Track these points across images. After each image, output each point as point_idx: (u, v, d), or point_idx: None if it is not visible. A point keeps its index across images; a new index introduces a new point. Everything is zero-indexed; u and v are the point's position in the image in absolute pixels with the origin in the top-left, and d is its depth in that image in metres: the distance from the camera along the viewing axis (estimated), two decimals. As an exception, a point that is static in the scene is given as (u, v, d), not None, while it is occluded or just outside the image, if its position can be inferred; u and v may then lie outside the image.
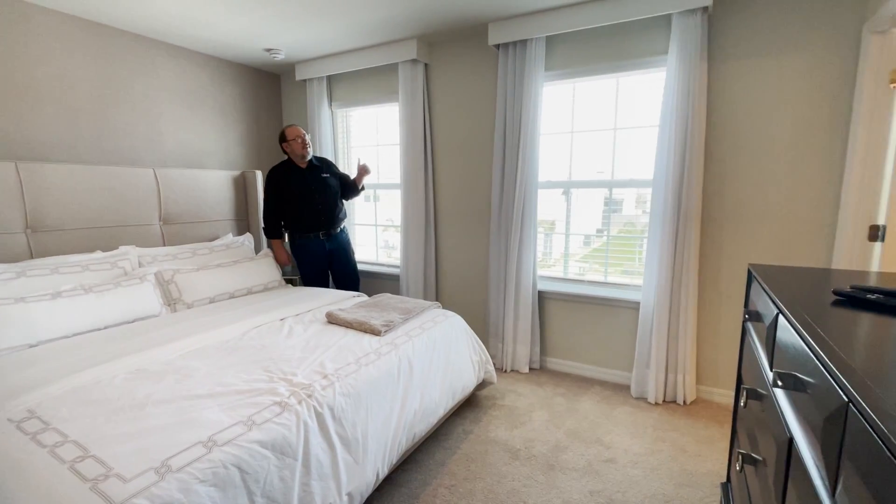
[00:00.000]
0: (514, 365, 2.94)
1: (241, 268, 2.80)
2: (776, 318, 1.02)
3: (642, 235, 2.74)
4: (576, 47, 2.66)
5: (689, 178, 2.33)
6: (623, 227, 2.80)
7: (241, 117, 3.57)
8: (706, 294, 2.49)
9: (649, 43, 2.46)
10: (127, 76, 2.82)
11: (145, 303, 2.23)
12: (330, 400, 1.49)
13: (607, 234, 2.82)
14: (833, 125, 2.12)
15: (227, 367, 1.64)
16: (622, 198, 2.80)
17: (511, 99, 2.76)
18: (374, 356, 1.81)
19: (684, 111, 2.31)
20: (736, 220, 2.38)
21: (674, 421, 2.32)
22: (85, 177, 2.45)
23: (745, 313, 1.35)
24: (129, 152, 2.86)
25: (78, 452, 1.11)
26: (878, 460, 0.49)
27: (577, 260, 2.99)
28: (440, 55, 3.11)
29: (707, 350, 2.52)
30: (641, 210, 2.76)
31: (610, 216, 2.80)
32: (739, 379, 1.53)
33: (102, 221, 2.53)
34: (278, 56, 3.28)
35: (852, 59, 2.05)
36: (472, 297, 3.25)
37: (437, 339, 2.13)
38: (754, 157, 2.30)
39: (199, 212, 3.03)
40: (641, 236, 2.74)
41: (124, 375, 1.55)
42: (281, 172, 2.96)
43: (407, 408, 1.78)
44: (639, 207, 2.78)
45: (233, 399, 1.40)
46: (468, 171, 3.12)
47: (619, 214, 2.82)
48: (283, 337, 1.98)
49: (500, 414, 2.38)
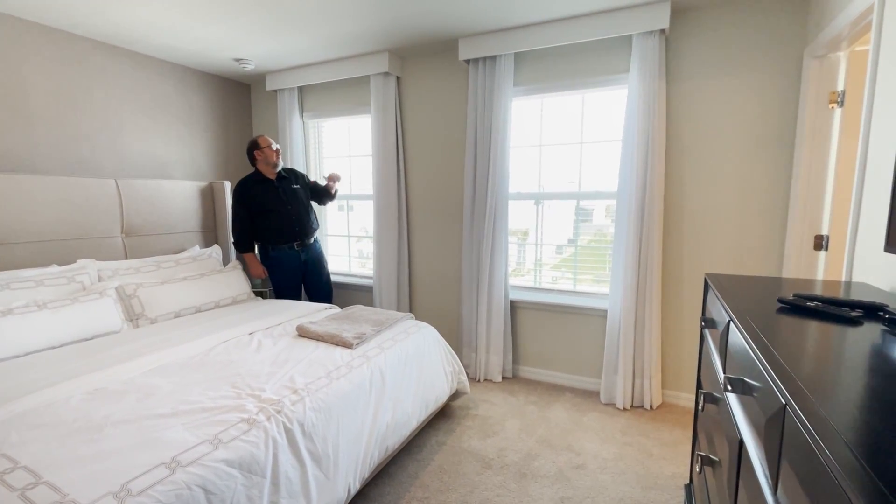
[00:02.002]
0: (488, 374, 2.96)
1: (209, 281, 2.73)
2: (728, 325, 1.08)
3: (611, 245, 2.83)
4: (543, 64, 2.74)
5: (651, 190, 2.43)
6: (593, 236, 2.89)
7: (209, 127, 3.50)
8: (669, 301, 2.59)
9: (612, 62, 2.57)
10: (86, 84, 2.73)
11: (105, 319, 2.14)
12: (300, 415, 1.47)
13: (576, 244, 2.89)
14: (781, 141, 2.26)
15: (193, 384, 1.60)
16: (592, 208, 2.90)
17: (482, 112, 2.82)
18: (345, 369, 1.79)
19: (645, 127, 2.42)
20: (695, 230, 2.50)
21: (641, 425, 2.39)
22: (40, 187, 2.35)
23: (702, 320, 1.43)
24: (88, 162, 2.76)
25: (29, 479, 1.06)
26: (811, 460, 0.53)
27: (550, 269, 3.06)
28: (412, 68, 3.16)
29: (671, 355, 2.62)
30: (610, 220, 2.86)
31: (580, 226, 2.89)
32: (699, 383, 1.60)
33: (59, 234, 2.42)
34: (248, 66, 3.25)
35: (795, 81, 2.20)
36: (445, 308, 3.27)
37: (410, 351, 2.13)
38: (709, 170, 2.43)
39: (164, 223, 2.94)
40: (610, 245, 2.84)
41: (81, 396, 1.49)
42: (250, 184, 2.91)
43: (379, 421, 1.77)
44: (608, 217, 2.87)
45: (198, 417, 1.36)
46: (440, 183, 3.16)
47: (588, 224, 2.91)
48: (252, 351, 1.94)
49: (474, 424, 2.39)
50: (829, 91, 2.02)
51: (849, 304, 0.98)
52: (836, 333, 0.86)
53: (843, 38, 1.82)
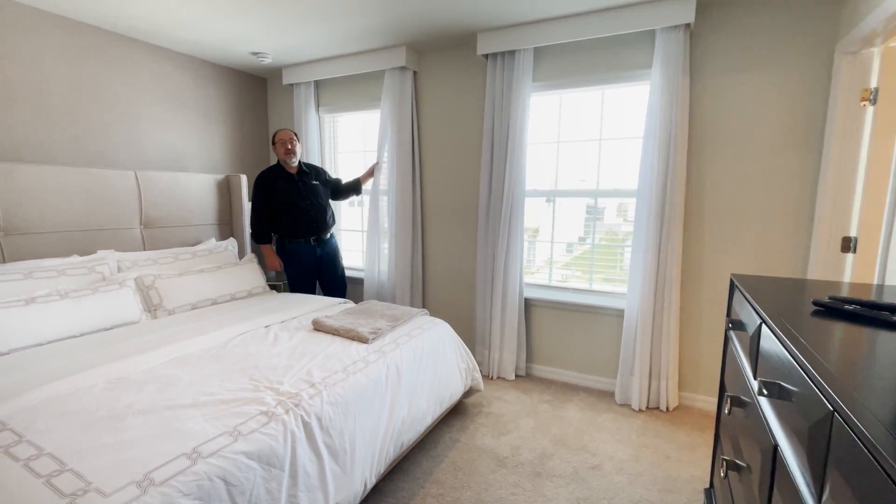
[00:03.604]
0: (501, 372, 2.95)
1: (225, 273, 2.75)
2: (759, 328, 1.05)
3: (623, 243, 2.80)
4: (563, 59, 2.71)
5: (672, 189, 2.39)
6: (605, 234, 2.86)
7: (226, 120, 3.52)
8: (688, 301, 2.55)
9: (634, 57, 2.53)
10: (105, 76, 2.76)
11: (124, 309, 2.17)
12: (317, 409, 1.47)
13: (591, 242, 2.86)
14: (808, 140, 2.20)
15: (211, 375, 1.61)
16: (604, 206, 2.86)
17: (499, 108, 2.79)
18: (361, 364, 1.79)
19: (667, 124, 2.37)
20: (716, 229, 2.45)
21: (657, 427, 2.35)
22: (60, 178, 2.38)
23: (728, 322, 1.39)
24: (107, 154, 2.79)
25: (54, 466, 1.07)
26: (864, 467, 0.51)
27: (559, 267, 3.03)
28: (429, 63, 3.13)
29: (689, 357, 2.58)
30: (622, 218, 2.82)
31: (594, 224, 2.85)
32: (722, 386, 1.57)
33: (79, 225, 2.45)
34: (265, 60, 3.26)
35: (825, 78, 2.14)
36: (458, 304, 3.25)
37: (425, 347, 2.13)
38: (733, 169, 2.37)
39: (182, 216, 2.97)
40: (622, 244, 2.81)
41: (103, 385, 1.50)
42: (269, 177, 2.93)
43: (395, 416, 1.77)
44: (619, 216, 2.83)
45: (217, 409, 1.37)
46: (456, 179, 3.14)
47: (600, 223, 2.88)
48: (269, 344, 1.95)
49: (487, 421, 2.38)
50: (862, 88, 1.95)
51: (889, 307, 0.95)
52: (878, 338, 0.83)
53: (878, 33, 1.76)
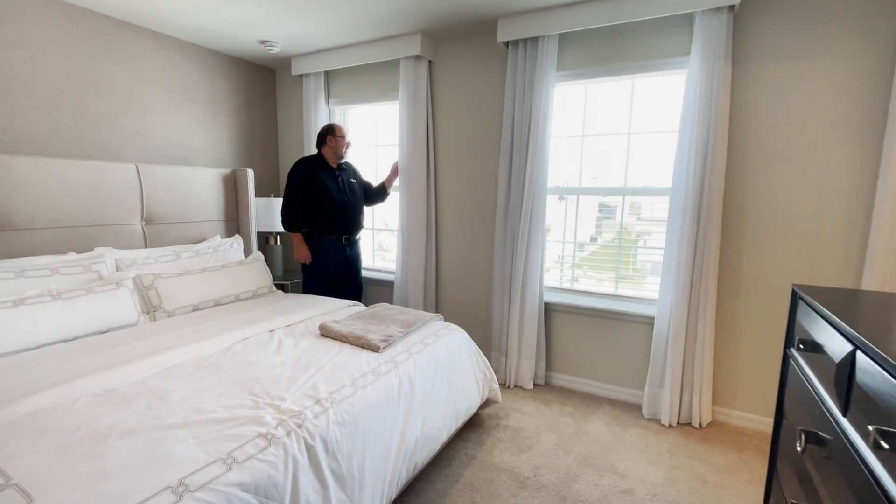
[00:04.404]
0: (518, 380, 2.78)
1: (229, 272, 2.61)
2: (853, 357, 0.87)
3: (635, 244, 2.63)
4: (590, 46, 2.51)
5: (710, 187, 2.19)
6: (617, 234, 2.70)
7: (233, 112, 3.38)
8: (723, 308, 2.35)
9: (669, 43, 2.33)
10: (109, 65, 2.63)
11: (121, 311, 2.04)
12: (323, 430, 1.32)
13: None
14: (865, 134, 1.99)
15: (207, 388, 1.46)
16: (615, 205, 2.69)
17: (520, 99, 2.61)
18: (372, 376, 1.63)
19: (706, 116, 2.17)
20: (757, 232, 2.24)
21: (690, 446, 2.17)
22: (60, 171, 2.26)
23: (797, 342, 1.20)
24: (109, 146, 2.66)
25: (21, 502, 0.93)
26: None
27: (569, 266, 2.86)
28: (445, 51, 2.96)
29: (724, 369, 2.38)
30: (636, 217, 2.65)
31: (604, 223, 2.70)
32: (780, 412, 1.38)
33: (78, 220, 2.33)
34: (274, 49, 3.11)
35: (888, 66, 1.92)
36: (473, 307, 3.08)
37: (440, 356, 1.96)
38: (779, 166, 2.17)
39: (185, 212, 2.84)
40: (635, 244, 2.63)
41: (88, 398, 1.37)
42: (313, 165, 2.78)
43: (408, 435, 1.61)
44: (633, 214, 2.66)
45: (211, 430, 1.22)
46: (472, 175, 2.97)
47: (611, 221, 2.71)
48: (272, 352, 1.80)
49: (505, 436, 2.21)
50: (934, 75, 1.74)
51: None
52: None
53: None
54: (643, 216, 2.64)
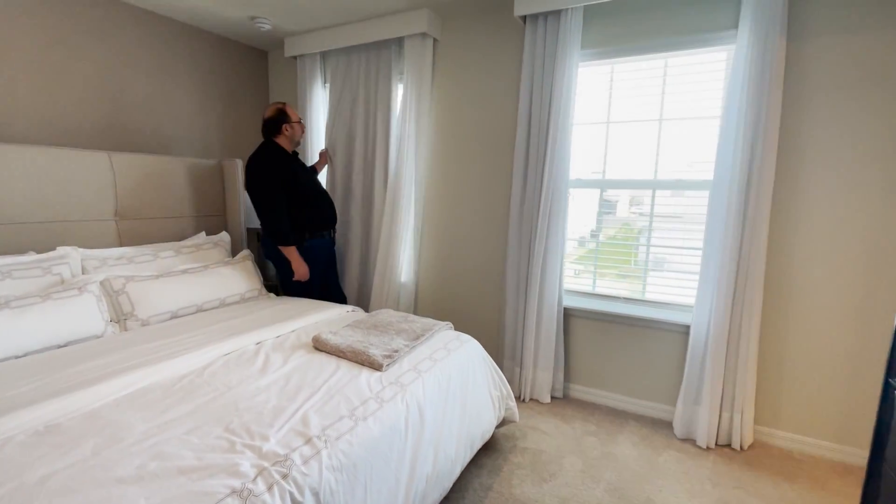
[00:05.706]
0: (534, 393, 2.52)
1: (214, 274, 2.34)
2: None
3: (636, 241, 2.42)
4: (619, 20, 2.23)
5: (759, 181, 1.93)
6: (619, 228, 2.50)
7: (221, 97, 3.09)
8: (769, 318, 2.09)
9: (710, 15, 2.05)
10: (80, 40, 2.34)
11: (84, 320, 1.77)
12: (314, 480, 1.06)
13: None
14: (945, 119, 1.72)
15: (174, 422, 1.20)
16: (617, 199, 2.49)
17: (538, 81, 2.33)
18: (374, 404, 1.37)
19: (756, 99, 1.90)
20: (811, 233, 1.98)
21: (733, 472, 1.92)
22: (20, 160, 1.98)
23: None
24: (79, 132, 2.38)
25: None
26: None
27: (571, 262, 2.61)
28: (453, 29, 2.67)
29: (768, 385, 2.13)
30: (639, 212, 2.42)
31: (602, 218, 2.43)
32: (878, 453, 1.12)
33: (41, 216, 2.06)
34: (265, 26, 2.82)
35: (976, 37, 1.65)
36: (483, 313, 2.82)
37: (453, 374, 1.70)
38: (841, 158, 1.90)
39: (165, 206, 2.56)
40: (636, 242, 2.43)
41: (24, 438, 1.10)
42: (284, 160, 2.38)
43: (417, 475, 1.35)
44: (635, 207, 2.43)
45: (171, 485, 0.96)
46: (484, 166, 2.69)
47: (612, 216, 2.52)
48: (257, 371, 1.54)
49: (524, 461, 1.96)
50: None
51: None
52: None
53: None
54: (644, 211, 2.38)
